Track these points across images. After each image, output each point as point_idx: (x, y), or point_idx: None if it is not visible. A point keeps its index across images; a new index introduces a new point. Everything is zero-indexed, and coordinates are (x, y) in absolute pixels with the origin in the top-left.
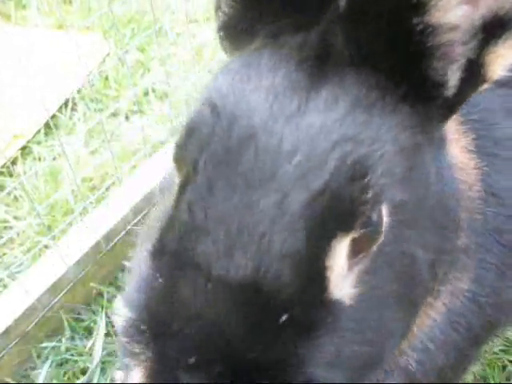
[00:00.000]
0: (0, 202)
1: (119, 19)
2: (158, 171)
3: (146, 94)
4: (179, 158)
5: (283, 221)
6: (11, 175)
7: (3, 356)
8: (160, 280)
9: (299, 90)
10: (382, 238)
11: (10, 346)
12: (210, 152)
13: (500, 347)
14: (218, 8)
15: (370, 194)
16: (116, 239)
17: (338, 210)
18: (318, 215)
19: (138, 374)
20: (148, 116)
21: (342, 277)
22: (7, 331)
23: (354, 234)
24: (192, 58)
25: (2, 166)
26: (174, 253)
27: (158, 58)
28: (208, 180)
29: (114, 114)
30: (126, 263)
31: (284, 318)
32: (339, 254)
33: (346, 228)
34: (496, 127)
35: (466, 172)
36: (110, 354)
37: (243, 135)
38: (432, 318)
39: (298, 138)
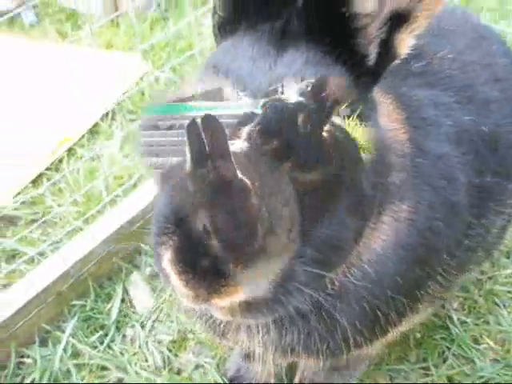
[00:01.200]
0: (48, 192)
1: (157, 43)
2: None
3: None
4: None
5: None
6: (57, 171)
7: (42, 308)
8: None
9: (269, 56)
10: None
11: (47, 301)
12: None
13: (440, 335)
14: (214, 13)
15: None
16: (135, 226)
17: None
18: None
19: (168, 254)
20: None
21: None
22: (46, 290)
23: None
24: None
25: (52, 164)
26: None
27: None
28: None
29: None
30: (142, 246)
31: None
32: None
33: None
34: (424, 111)
35: (397, 134)
36: (123, 316)
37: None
38: (381, 238)
39: (272, 82)
